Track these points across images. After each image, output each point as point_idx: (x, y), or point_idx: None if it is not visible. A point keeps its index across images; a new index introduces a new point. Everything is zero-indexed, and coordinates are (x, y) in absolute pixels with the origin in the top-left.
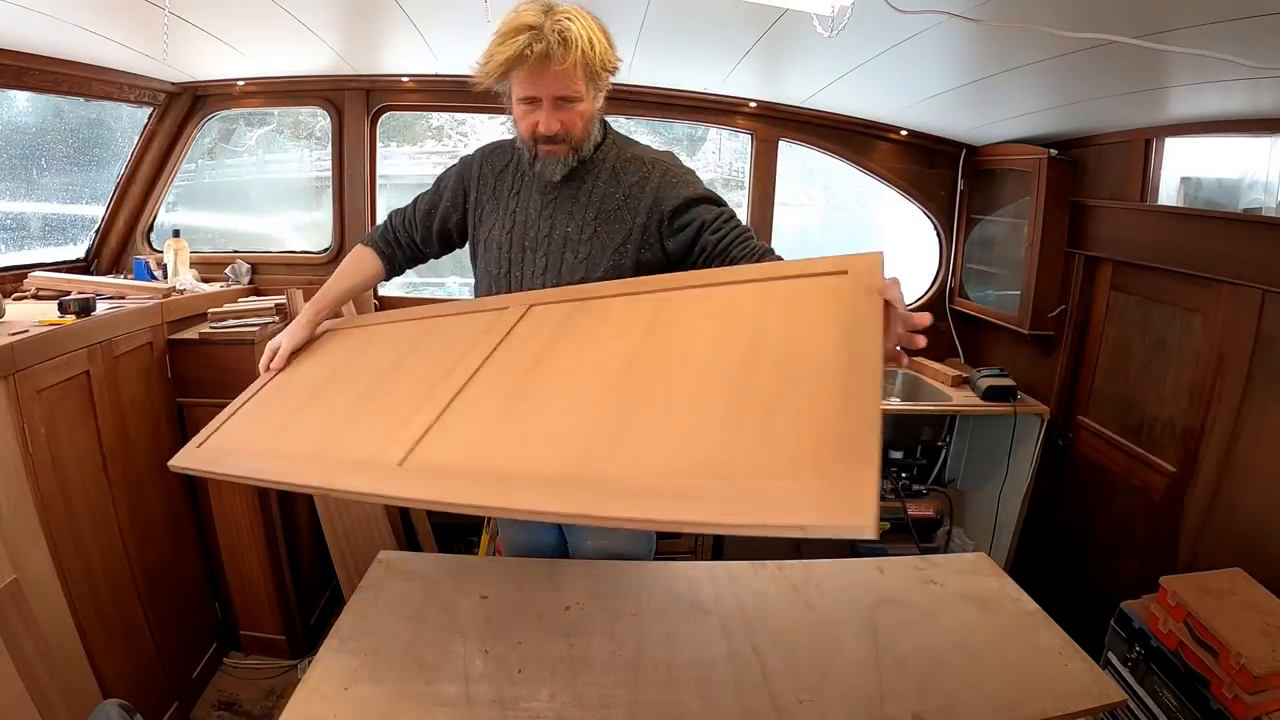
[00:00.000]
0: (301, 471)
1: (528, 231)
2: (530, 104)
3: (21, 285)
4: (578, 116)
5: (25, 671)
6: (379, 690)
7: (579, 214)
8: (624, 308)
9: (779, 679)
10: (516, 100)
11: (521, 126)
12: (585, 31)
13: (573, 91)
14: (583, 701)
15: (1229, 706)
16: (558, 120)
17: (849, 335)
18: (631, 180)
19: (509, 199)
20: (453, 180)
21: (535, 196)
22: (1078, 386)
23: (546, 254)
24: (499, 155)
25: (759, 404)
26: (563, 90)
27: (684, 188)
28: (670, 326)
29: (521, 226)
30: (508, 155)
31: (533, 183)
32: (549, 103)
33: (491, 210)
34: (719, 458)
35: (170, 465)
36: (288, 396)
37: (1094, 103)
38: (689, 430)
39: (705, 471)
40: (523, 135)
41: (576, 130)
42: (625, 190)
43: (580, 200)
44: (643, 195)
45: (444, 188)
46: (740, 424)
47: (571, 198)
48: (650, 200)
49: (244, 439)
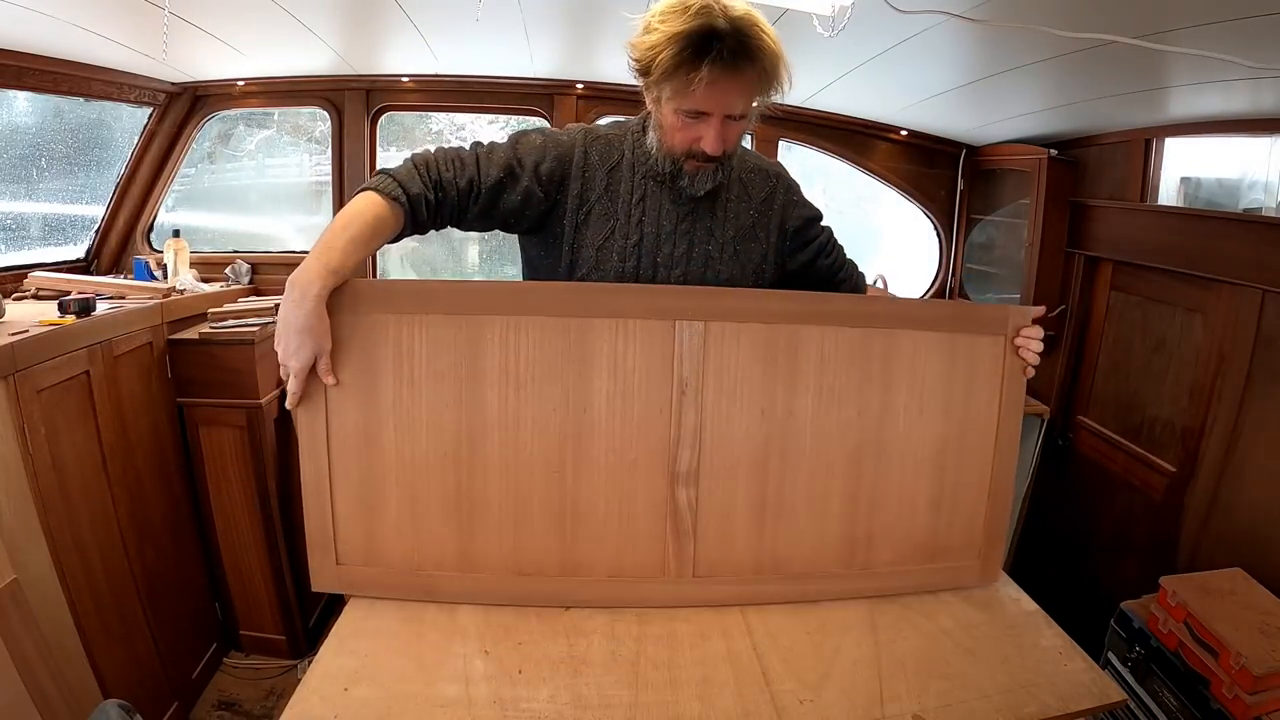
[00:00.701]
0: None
1: (660, 247)
2: (695, 116)
3: (21, 285)
4: (739, 134)
5: (25, 671)
6: (379, 690)
7: (718, 232)
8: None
9: (779, 679)
10: (676, 109)
11: (675, 138)
12: (773, 39)
13: (747, 109)
14: (583, 701)
15: (1229, 706)
16: (724, 140)
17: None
18: (760, 196)
19: (632, 206)
20: (548, 161)
21: (669, 208)
22: (1078, 386)
23: (685, 273)
24: (607, 149)
25: (950, 493)
26: (739, 108)
27: (803, 206)
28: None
29: (653, 240)
30: (617, 151)
31: (660, 191)
32: (719, 120)
33: (605, 214)
34: (929, 547)
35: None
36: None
37: (1094, 103)
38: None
39: (921, 557)
40: (673, 147)
41: (732, 149)
42: (756, 207)
43: (718, 216)
44: (771, 212)
45: (528, 162)
46: (939, 512)
47: (709, 213)
48: (779, 218)
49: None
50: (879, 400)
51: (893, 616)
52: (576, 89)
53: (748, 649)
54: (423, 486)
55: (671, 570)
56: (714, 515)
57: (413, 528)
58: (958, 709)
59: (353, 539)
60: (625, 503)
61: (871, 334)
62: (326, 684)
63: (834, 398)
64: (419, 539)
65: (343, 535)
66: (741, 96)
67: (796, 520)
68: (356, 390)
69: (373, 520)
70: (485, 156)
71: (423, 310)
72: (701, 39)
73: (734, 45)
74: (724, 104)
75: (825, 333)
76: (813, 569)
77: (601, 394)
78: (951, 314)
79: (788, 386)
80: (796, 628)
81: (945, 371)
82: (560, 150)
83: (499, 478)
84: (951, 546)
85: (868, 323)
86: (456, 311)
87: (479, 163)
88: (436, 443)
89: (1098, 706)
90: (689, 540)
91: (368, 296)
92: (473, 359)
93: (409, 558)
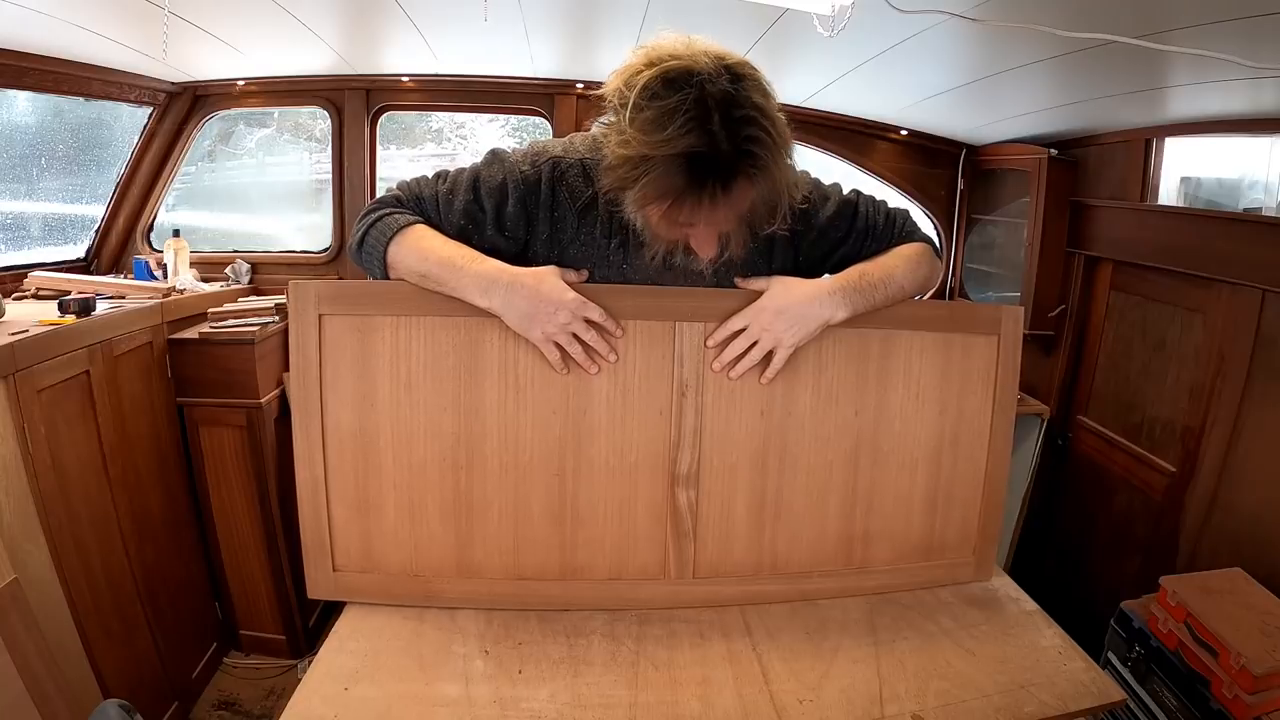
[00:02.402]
0: None
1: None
2: (683, 226)
3: (21, 285)
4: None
5: (25, 671)
6: (379, 690)
7: (713, 277)
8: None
9: (779, 679)
10: (663, 214)
11: (660, 232)
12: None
13: (742, 214)
14: (583, 701)
15: (1229, 706)
16: (720, 242)
17: (998, 401)
18: (764, 234)
19: (611, 252)
20: (511, 203)
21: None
22: (1077, 386)
23: None
24: (577, 181)
25: (945, 491)
26: (736, 220)
27: (813, 216)
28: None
29: (639, 283)
30: (588, 184)
31: (642, 238)
32: (711, 231)
33: (581, 258)
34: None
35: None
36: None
37: (1094, 103)
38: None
39: (918, 555)
40: (661, 238)
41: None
42: (763, 242)
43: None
44: (774, 249)
45: (489, 206)
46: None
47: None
48: (782, 257)
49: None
50: (876, 400)
51: (892, 616)
52: (576, 89)
53: (748, 649)
54: (421, 490)
55: (671, 572)
56: (714, 516)
57: (411, 532)
58: (957, 709)
59: (350, 545)
60: (625, 505)
61: (868, 334)
62: (326, 684)
63: (832, 398)
64: (417, 544)
65: (339, 541)
66: (739, 212)
67: (795, 520)
68: (353, 393)
69: (370, 525)
70: (445, 201)
71: (420, 312)
72: (700, 165)
73: (730, 168)
74: (718, 221)
75: (823, 333)
76: (811, 568)
77: (601, 396)
78: (947, 314)
79: (787, 386)
80: (796, 627)
81: (941, 371)
82: (525, 190)
83: (498, 481)
84: (947, 544)
85: (865, 323)
86: (454, 314)
87: (439, 209)
88: (435, 446)
89: (1097, 706)
90: (689, 541)
91: (364, 298)
92: (471, 361)
93: (407, 563)
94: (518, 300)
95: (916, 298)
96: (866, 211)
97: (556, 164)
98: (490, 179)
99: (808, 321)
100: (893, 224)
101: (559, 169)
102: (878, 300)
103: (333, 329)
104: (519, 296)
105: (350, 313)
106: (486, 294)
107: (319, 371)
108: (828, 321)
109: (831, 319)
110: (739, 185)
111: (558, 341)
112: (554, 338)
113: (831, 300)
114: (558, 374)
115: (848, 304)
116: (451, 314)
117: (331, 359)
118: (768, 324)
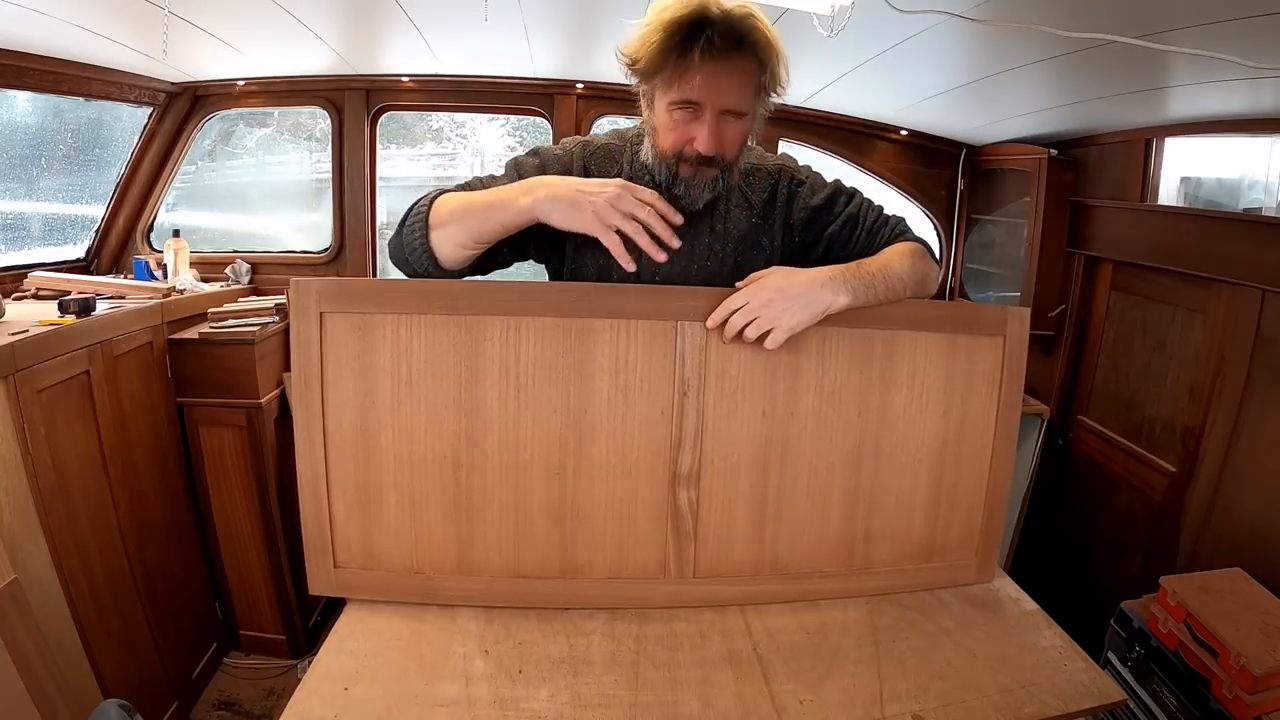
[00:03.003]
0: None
1: (660, 268)
2: (688, 111)
3: (21, 285)
4: (737, 136)
5: (25, 671)
6: (379, 690)
7: (719, 247)
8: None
9: (779, 679)
10: (669, 104)
11: (668, 138)
12: (769, 31)
13: (743, 105)
14: (583, 701)
15: (1229, 706)
16: (718, 139)
17: (1003, 403)
18: (762, 199)
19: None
20: (550, 172)
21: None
22: (1078, 386)
23: None
24: (605, 162)
25: (948, 492)
26: (734, 102)
27: (810, 195)
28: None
29: (653, 262)
30: (615, 164)
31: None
32: (713, 115)
33: None
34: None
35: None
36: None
37: (1094, 103)
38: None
39: (919, 556)
40: (664, 149)
41: (731, 154)
42: (758, 211)
43: (717, 230)
44: (774, 213)
45: (532, 175)
46: (937, 511)
47: (708, 228)
48: (782, 217)
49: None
50: (879, 400)
51: (893, 617)
52: (576, 89)
53: (748, 649)
54: (421, 488)
55: (672, 571)
56: (714, 516)
57: (411, 530)
58: (958, 709)
59: (350, 541)
60: (626, 505)
61: (872, 334)
62: (326, 684)
63: (835, 398)
64: (418, 541)
65: (340, 538)
66: (735, 88)
67: (796, 520)
68: (354, 391)
69: (371, 522)
70: (488, 183)
71: (421, 310)
72: (692, 24)
73: (726, 31)
74: (717, 95)
75: (826, 333)
76: (812, 569)
77: (602, 395)
78: (951, 315)
79: (789, 387)
80: (796, 628)
81: (945, 372)
82: (561, 167)
83: (499, 479)
84: (949, 545)
85: (868, 323)
86: (456, 312)
87: (483, 187)
88: (436, 444)
89: (1097, 706)
90: (689, 541)
91: (366, 296)
92: (472, 360)
93: (407, 560)
94: (561, 190)
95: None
96: (859, 201)
97: (586, 145)
98: (526, 162)
99: (808, 303)
100: (885, 222)
101: (588, 148)
102: (878, 290)
103: (334, 327)
104: (562, 186)
105: (351, 311)
106: (530, 192)
107: (320, 369)
108: (829, 307)
109: (833, 305)
110: (734, 51)
111: (614, 225)
112: (606, 217)
113: (832, 284)
114: (559, 373)
115: (848, 289)
116: (453, 312)
117: (333, 357)
118: (766, 301)
